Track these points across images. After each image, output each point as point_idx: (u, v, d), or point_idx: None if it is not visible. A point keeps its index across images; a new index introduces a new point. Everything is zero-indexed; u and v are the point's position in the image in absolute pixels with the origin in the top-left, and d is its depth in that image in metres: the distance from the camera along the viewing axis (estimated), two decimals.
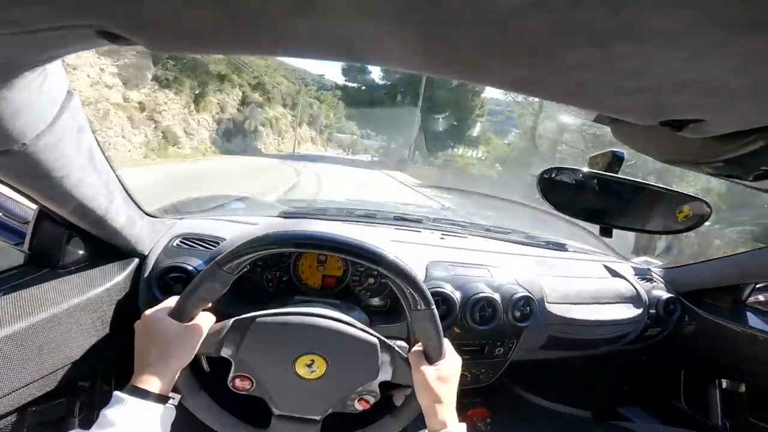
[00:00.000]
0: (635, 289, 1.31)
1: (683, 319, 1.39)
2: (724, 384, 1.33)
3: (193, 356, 0.66)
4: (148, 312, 0.66)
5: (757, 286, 1.39)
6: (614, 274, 1.36)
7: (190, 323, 0.66)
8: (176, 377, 0.64)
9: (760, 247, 1.26)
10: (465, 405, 0.71)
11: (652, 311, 1.30)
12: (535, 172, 0.59)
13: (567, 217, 0.80)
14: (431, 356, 0.71)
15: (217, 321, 0.72)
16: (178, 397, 0.65)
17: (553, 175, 0.61)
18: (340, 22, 0.24)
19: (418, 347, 0.74)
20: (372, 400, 0.73)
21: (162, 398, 0.60)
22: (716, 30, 0.20)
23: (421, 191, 12.22)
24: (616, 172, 0.58)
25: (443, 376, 0.70)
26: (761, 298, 1.41)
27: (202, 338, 0.67)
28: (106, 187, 0.69)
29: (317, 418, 0.74)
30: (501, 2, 0.20)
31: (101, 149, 0.66)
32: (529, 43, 0.23)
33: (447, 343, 0.74)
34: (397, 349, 0.74)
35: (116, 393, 0.58)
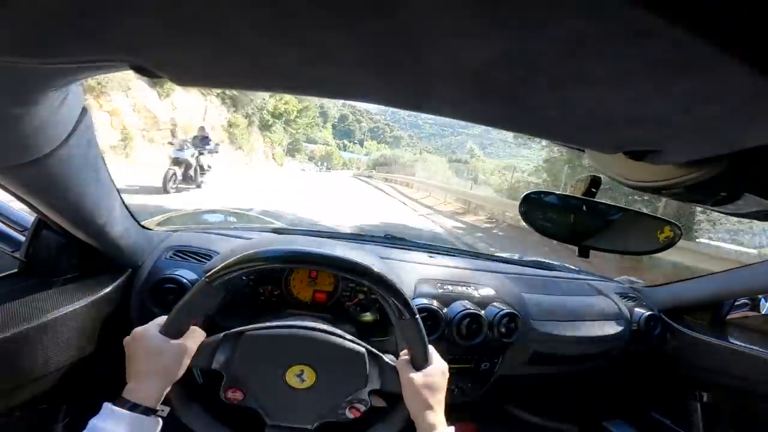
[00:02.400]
0: (618, 306, 1.35)
1: (665, 336, 1.42)
2: (705, 397, 1.37)
3: (184, 371, 0.67)
4: (138, 329, 0.68)
5: (736, 303, 1.44)
6: (597, 291, 1.39)
7: (181, 339, 0.67)
8: (167, 391, 0.65)
9: (737, 267, 1.31)
10: (453, 420, 0.73)
11: (634, 328, 1.34)
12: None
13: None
14: (417, 363, 0.74)
15: (209, 333, 0.74)
16: (167, 409, 0.66)
17: (535, 198, 0.65)
18: (341, 71, 0.27)
19: (404, 355, 0.76)
20: (363, 408, 0.75)
21: (151, 411, 0.61)
22: (652, 74, 0.22)
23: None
24: (594, 196, 0.62)
25: (430, 381, 0.72)
26: (739, 314, 1.46)
27: (193, 353, 0.69)
28: (107, 200, 0.71)
29: (310, 427, 0.75)
30: (474, 56, 0.23)
31: (105, 163, 0.68)
32: (499, 87, 0.27)
33: (432, 350, 0.77)
34: (384, 357, 0.76)
35: (106, 404, 0.59)
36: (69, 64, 0.30)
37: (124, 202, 0.81)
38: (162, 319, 0.69)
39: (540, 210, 0.64)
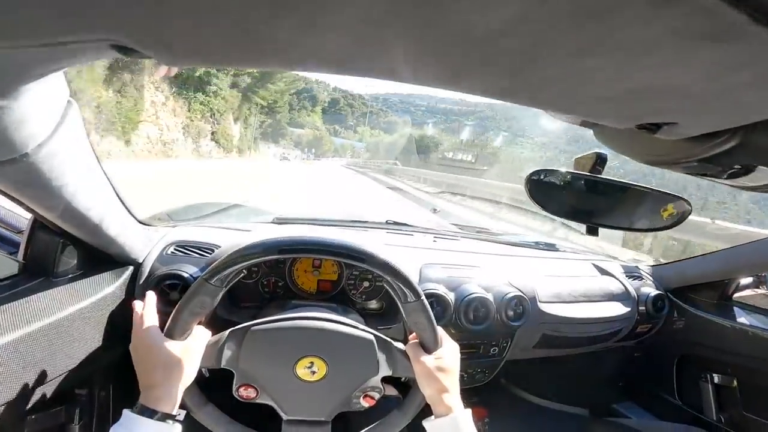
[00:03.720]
0: (624, 286, 1.34)
1: (672, 316, 1.42)
2: (716, 379, 1.36)
3: (195, 372, 0.67)
4: (140, 332, 0.67)
5: (742, 282, 1.43)
6: (603, 272, 1.38)
7: (187, 340, 0.67)
8: (182, 393, 0.65)
9: (743, 243, 1.29)
10: (463, 405, 0.73)
11: (642, 308, 1.33)
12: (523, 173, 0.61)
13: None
14: (428, 346, 0.73)
15: (216, 328, 0.73)
16: (183, 412, 0.66)
17: (541, 177, 0.63)
18: (342, 40, 0.25)
19: (413, 339, 0.75)
20: (377, 396, 0.75)
21: (169, 416, 0.61)
22: (678, 42, 0.21)
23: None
24: (600, 173, 0.60)
25: (443, 364, 0.71)
26: (746, 293, 1.45)
27: (200, 354, 0.68)
28: (102, 196, 0.70)
29: (326, 419, 0.75)
30: (487, 21, 0.21)
31: (98, 158, 0.67)
32: (511, 57, 0.25)
33: (442, 332, 0.76)
34: (394, 343, 0.75)
35: (126, 411, 0.59)
36: (44, 47, 0.29)
37: (120, 198, 0.80)
38: (155, 318, 0.68)
39: (545, 188, 0.63)
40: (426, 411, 0.73)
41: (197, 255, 0.98)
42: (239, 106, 25.87)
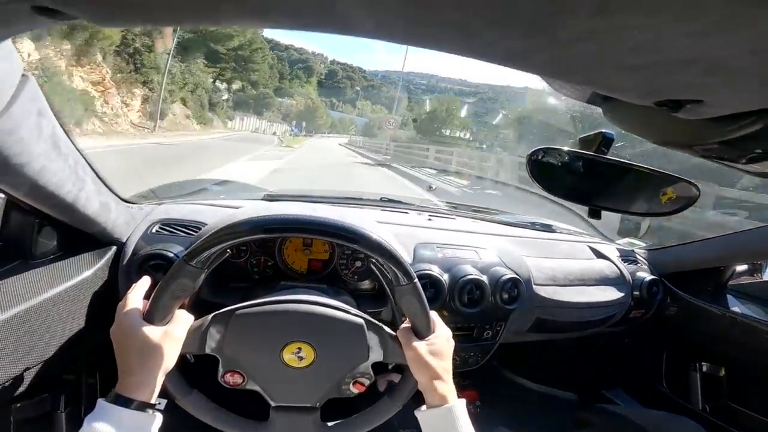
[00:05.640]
0: (620, 270, 1.32)
1: (666, 301, 1.41)
2: (705, 368, 1.37)
3: (176, 358, 0.63)
4: (119, 316, 0.63)
5: (738, 269, 1.42)
6: (599, 255, 1.37)
7: (168, 325, 0.63)
8: (162, 381, 0.62)
9: (742, 230, 1.28)
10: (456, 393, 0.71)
11: (636, 293, 1.32)
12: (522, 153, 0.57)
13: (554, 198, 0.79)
14: (420, 331, 0.70)
15: (202, 310, 0.70)
16: (164, 401, 0.63)
17: (542, 157, 0.60)
18: None
19: (405, 324, 0.72)
20: (367, 383, 0.72)
21: (147, 405, 0.58)
22: (731, 5, 0.18)
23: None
24: (605, 154, 0.57)
25: (436, 350, 0.69)
26: (742, 281, 1.44)
27: (182, 340, 0.64)
28: (75, 174, 0.66)
29: (315, 405, 0.73)
30: None
31: (67, 134, 0.62)
32: (525, 12, 0.21)
33: (435, 316, 0.73)
34: (385, 328, 0.72)
35: (100, 401, 0.56)
36: None
37: (99, 175, 0.76)
38: (140, 302, 0.64)
39: (547, 168, 0.60)
40: (419, 398, 0.72)
41: (183, 234, 0.94)
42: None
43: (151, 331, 0.61)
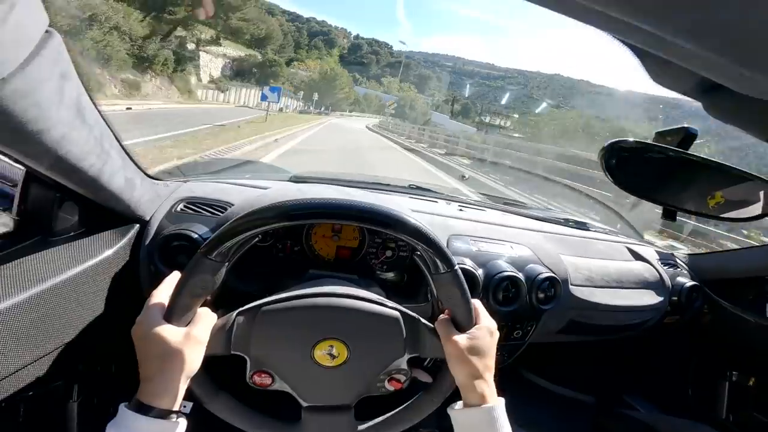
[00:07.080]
0: (659, 274, 1.25)
1: (702, 309, 1.35)
2: (734, 377, 1.31)
3: (200, 362, 0.58)
4: (143, 314, 0.58)
5: None
6: (638, 257, 1.30)
7: (189, 327, 0.58)
8: (186, 385, 0.57)
9: None
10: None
11: (674, 298, 1.25)
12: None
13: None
14: (461, 323, 0.64)
15: (223, 298, 0.65)
16: (189, 405, 0.59)
17: (618, 150, 0.54)
18: None
19: (444, 315, 0.67)
20: (403, 379, 0.67)
21: (168, 412, 0.54)
22: None
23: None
24: (687, 150, 0.51)
25: (478, 345, 0.63)
26: None
27: (206, 341, 0.59)
28: (100, 146, 0.61)
29: (349, 404, 0.68)
30: None
31: (94, 102, 0.57)
32: None
33: (479, 306, 0.67)
34: (422, 320, 0.67)
35: (122, 407, 0.52)
36: None
37: (125, 149, 0.71)
38: (165, 300, 0.59)
39: (623, 163, 0.53)
40: (455, 395, 0.67)
41: (209, 213, 0.90)
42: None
43: (171, 334, 0.55)
